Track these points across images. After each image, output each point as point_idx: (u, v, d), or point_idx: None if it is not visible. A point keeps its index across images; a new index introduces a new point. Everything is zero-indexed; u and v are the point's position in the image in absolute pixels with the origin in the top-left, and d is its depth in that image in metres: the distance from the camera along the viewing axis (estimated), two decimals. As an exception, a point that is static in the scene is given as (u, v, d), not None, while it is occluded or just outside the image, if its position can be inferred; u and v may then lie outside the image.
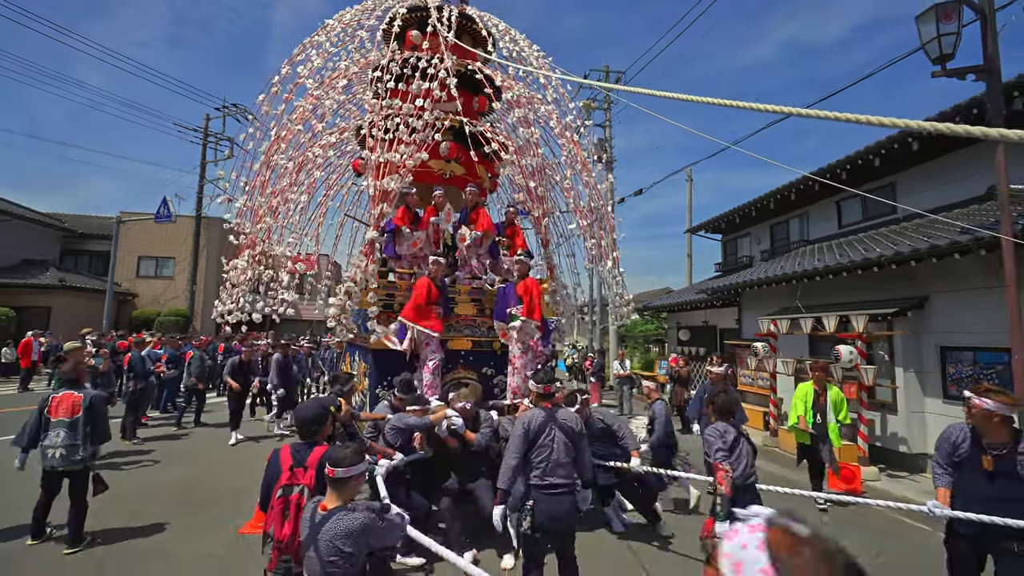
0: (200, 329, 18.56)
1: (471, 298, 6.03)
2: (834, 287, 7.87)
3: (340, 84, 6.24)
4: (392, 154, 5.38)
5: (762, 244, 12.04)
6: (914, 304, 6.73)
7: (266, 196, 5.93)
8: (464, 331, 5.88)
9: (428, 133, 5.61)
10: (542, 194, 6.61)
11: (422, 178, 6.34)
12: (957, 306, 6.39)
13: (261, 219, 5.87)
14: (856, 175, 8.19)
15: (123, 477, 5.74)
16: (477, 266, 6.85)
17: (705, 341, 13.55)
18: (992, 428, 2.53)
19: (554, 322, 6.34)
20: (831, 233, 9.56)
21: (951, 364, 6.46)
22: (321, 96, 6.07)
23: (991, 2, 4.12)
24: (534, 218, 6.85)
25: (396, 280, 5.80)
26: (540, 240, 6.76)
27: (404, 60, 6.08)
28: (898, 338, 6.96)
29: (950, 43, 4.04)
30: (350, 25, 6.58)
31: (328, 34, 6.44)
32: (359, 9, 6.74)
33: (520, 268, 5.61)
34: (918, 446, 6.66)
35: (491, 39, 6.98)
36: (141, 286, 19.90)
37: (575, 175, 6.72)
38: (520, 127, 6.61)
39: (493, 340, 5.89)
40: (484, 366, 5.82)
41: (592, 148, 7.65)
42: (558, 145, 7.00)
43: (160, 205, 14.32)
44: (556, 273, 6.74)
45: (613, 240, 7.01)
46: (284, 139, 6.08)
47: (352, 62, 6.44)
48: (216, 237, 21.03)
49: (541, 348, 5.74)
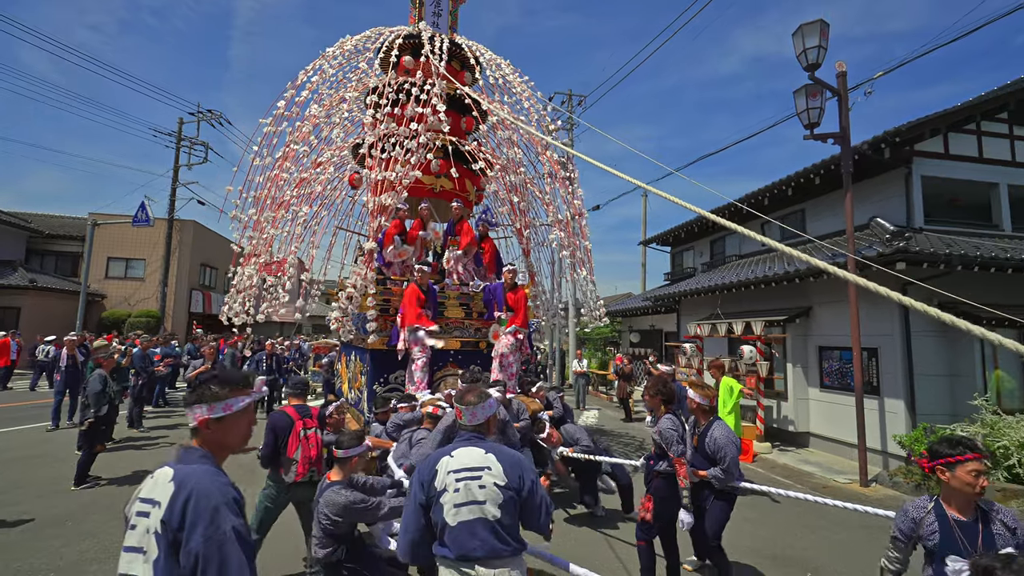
0: (171, 329, 18.33)
1: (459, 302, 6.63)
2: (746, 297, 9.26)
3: (340, 107, 6.72)
4: (389, 173, 5.91)
5: (703, 257, 13.32)
6: (801, 312, 8.11)
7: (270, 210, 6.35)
8: (454, 332, 6.47)
9: (422, 153, 6.16)
10: (524, 208, 7.29)
11: (413, 192, 6.87)
12: (830, 315, 7.68)
13: (265, 231, 6.30)
14: (775, 202, 9.43)
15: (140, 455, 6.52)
16: (464, 273, 7.49)
17: (652, 343, 15.27)
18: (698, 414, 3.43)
19: (535, 324, 7.01)
20: (757, 250, 10.80)
21: (825, 360, 7.78)
22: (320, 117, 6.55)
23: (845, 85, 5.15)
24: (516, 229, 7.52)
25: (391, 287, 6.33)
26: (522, 249, 7.44)
27: (399, 85, 6.61)
28: (789, 339, 8.31)
29: (816, 115, 5.04)
30: (349, 52, 7.07)
31: (328, 60, 6.91)
32: (360, 37, 7.24)
33: (509, 277, 6.19)
34: (803, 426, 8.03)
35: (478, 66, 7.59)
36: (110, 287, 19.42)
37: (554, 190, 7.40)
38: (503, 146, 7.27)
39: (480, 340, 6.51)
40: (471, 364, 6.43)
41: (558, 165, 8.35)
42: (539, 162, 7.69)
43: (138, 209, 14.19)
44: (537, 279, 7.42)
45: (588, 250, 7.77)
46: (288, 156, 6.51)
47: (350, 88, 6.91)
48: (188, 239, 20.77)
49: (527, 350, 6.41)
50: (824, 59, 4.95)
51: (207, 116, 18.71)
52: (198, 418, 1.39)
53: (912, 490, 5.36)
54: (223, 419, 1.41)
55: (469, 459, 1.89)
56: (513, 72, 7.95)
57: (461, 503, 1.80)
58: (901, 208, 7.28)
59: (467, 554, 1.77)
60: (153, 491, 1.28)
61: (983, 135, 7.70)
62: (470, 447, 1.94)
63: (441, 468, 1.88)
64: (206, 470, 1.33)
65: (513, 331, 5.95)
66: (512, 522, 1.85)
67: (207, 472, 1.32)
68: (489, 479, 1.84)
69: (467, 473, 1.85)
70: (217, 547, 1.20)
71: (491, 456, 1.89)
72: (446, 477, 1.86)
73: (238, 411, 1.44)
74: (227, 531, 1.23)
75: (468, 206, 7.83)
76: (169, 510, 1.23)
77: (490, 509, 1.80)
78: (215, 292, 23.25)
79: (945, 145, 7.47)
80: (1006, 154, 7.80)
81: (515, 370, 6.00)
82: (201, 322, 20.12)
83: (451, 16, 8.36)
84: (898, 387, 6.44)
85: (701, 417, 3.42)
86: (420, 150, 6.13)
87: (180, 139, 18.62)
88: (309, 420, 3.42)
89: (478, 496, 1.81)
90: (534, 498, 1.88)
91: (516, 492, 1.85)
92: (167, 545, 1.22)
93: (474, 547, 1.77)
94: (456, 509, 1.80)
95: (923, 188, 7.25)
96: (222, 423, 1.41)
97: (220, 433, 1.42)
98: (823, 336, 7.85)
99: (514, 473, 1.87)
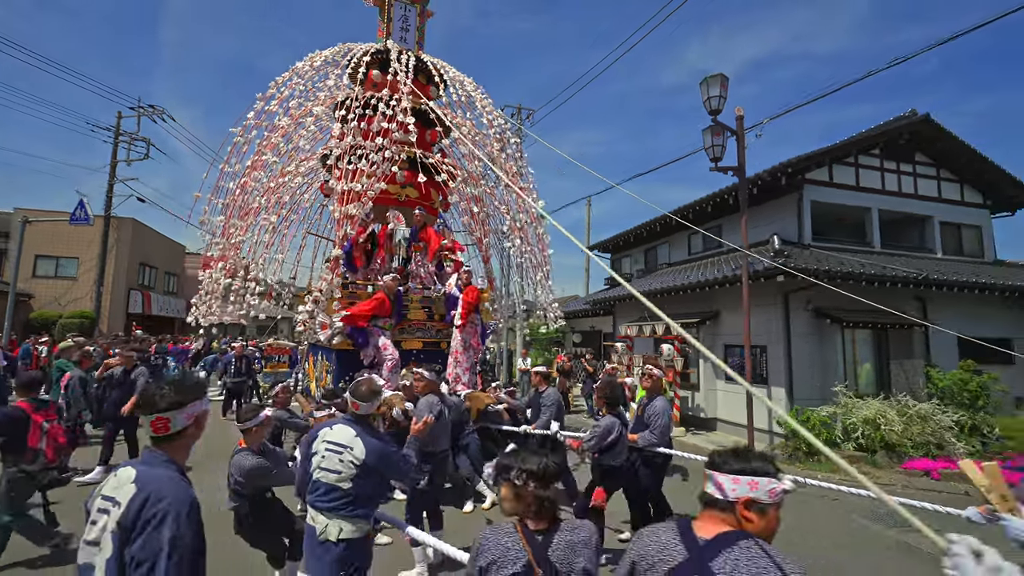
0: (107, 331, 17.36)
1: (422, 305, 7.20)
2: (668, 302, 10.46)
3: (308, 119, 7.09)
4: (355, 184, 6.35)
5: (639, 264, 14.62)
6: (711, 316, 9.45)
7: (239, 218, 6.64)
8: (416, 333, 7.03)
9: (387, 166, 6.64)
10: (483, 217, 7.96)
11: (380, 200, 7.18)
12: (733, 318, 8.94)
13: (233, 236, 6.58)
14: (699, 216, 10.71)
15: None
16: (426, 277, 8.08)
17: (592, 343, 16.72)
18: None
19: (492, 325, 7.70)
20: (684, 259, 11.96)
21: (729, 357, 9.04)
22: (290, 128, 6.91)
23: (742, 127, 6.42)
24: (475, 238, 8.17)
25: (356, 291, 6.74)
26: (481, 257, 8.10)
27: (366, 99, 7.03)
28: (700, 338, 9.57)
29: (719, 150, 6.24)
30: (318, 65, 7.44)
31: (297, 74, 7.27)
32: (330, 52, 7.61)
33: (464, 277, 6.59)
34: (712, 412, 9.27)
35: (443, 84, 8.13)
36: (38, 286, 18.02)
37: (512, 197, 7.99)
38: (466, 160, 7.90)
39: (441, 341, 7.10)
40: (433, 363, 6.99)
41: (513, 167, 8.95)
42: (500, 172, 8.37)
43: (77, 207, 13.35)
44: (496, 284, 8.10)
45: (546, 257, 8.51)
46: (256, 167, 6.81)
47: (318, 100, 7.28)
48: (127, 237, 19.67)
49: (481, 345, 7.05)
50: (724, 106, 6.09)
51: (148, 111, 17.87)
52: (188, 417, 1.46)
53: (786, 459, 6.62)
54: (195, 419, 1.49)
55: (341, 436, 2.37)
56: (476, 89, 8.53)
57: (324, 467, 2.33)
58: (794, 227, 8.74)
59: (315, 503, 2.33)
60: (116, 490, 1.34)
61: (860, 167, 9.36)
62: (346, 427, 2.41)
63: (320, 436, 2.41)
64: (167, 475, 1.38)
65: (459, 326, 6.29)
66: (360, 492, 2.31)
67: (170, 479, 1.37)
68: (348, 457, 2.32)
69: (335, 447, 2.34)
70: (152, 555, 1.25)
71: (358, 440, 2.35)
72: (320, 445, 2.38)
73: (198, 415, 1.51)
74: (165, 541, 1.26)
75: (433, 213, 8.27)
76: (126, 512, 1.28)
77: (342, 478, 2.30)
78: (155, 292, 22.07)
79: (830, 174, 9.04)
80: (878, 183, 9.53)
81: (467, 365, 6.38)
82: (140, 323, 19.12)
83: (418, 32, 8.80)
84: (781, 377, 7.76)
85: (651, 394, 4.10)
86: (385, 163, 6.61)
87: (119, 133, 17.66)
88: (47, 412, 3.72)
89: (336, 466, 2.31)
90: (388, 469, 2.44)
91: (369, 469, 2.33)
92: (119, 545, 1.27)
93: (322, 501, 2.30)
94: (320, 471, 2.34)
95: (812, 210, 8.76)
96: (194, 423, 1.49)
97: (181, 437, 1.47)
98: (727, 336, 9.15)
99: (371, 458, 2.33)
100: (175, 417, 1.43)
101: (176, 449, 1.47)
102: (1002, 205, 10.74)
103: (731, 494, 1.22)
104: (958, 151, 9.76)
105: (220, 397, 10.20)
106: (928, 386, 7.22)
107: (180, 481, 1.39)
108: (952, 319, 7.97)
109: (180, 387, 1.47)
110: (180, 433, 1.45)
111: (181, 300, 24.30)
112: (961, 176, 10.28)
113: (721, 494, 1.23)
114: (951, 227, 10.16)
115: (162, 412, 1.42)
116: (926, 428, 6.14)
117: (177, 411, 1.44)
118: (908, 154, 9.80)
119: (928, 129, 9.44)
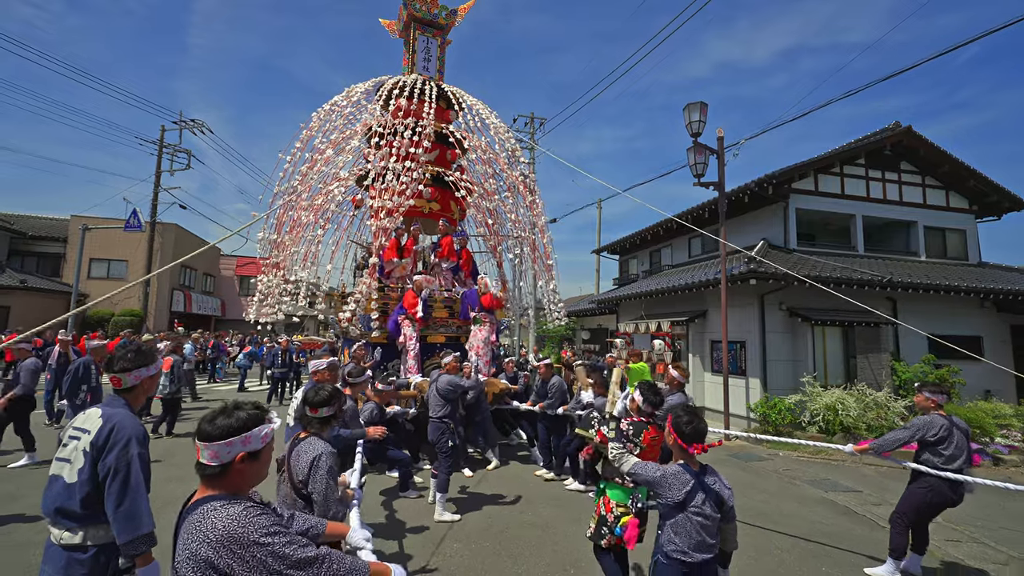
0: (153, 328, 19.02)
1: (444, 305, 8.29)
2: (664, 301, 11.32)
3: (347, 145, 8.23)
4: (388, 201, 7.46)
5: (644, 265, 15.51)
6: (699, 314, 10.28)
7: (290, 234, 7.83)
8: (439, 329, 8.13)
9: (415, 186, 7.73)
10: (497, 228, 9.02)
11: (408, 213, 8.29)
12: (719, 316, 9.46)
13: (286, 247, 7.77)
14: (698, 221, 11.40)
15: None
16: (446, 281, 9.18)
17: (599, 339, 17.78)
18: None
19: (505, 323, 8.76)
20: (684, 261, 12.95)
21: (715, 351, 9.87)
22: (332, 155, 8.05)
23: (722, 147, 7.32)
24: (490, 245, 9.22)
25: (390, 293, 7.88)
26: (496, 262, 9.17)
27: (393, 128, 8.13)
28: (690, 335, 10.49)
29: (702, 168, 7.15)
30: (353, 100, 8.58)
31: (336, 105, 8.42)
32: (363, 86, 8.76)
33: (483, 284, 7.69)
34: (700, 402, 9.97)
35: (461, 110, 9.20)
36: (93, 287, 19.81)
37: (520, 209, 9.03)
38: (481, 177, 8.96)
39: (460, 336, 8.18)
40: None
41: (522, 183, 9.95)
42: (513, 188, 9.41)
43: (130, 216, 14.99)
44: (509, 287, 9.17)
45: (549, 267, 9.51)
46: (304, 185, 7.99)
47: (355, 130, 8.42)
48: (170, 242, 21.36)
49: (496, 341, 8.14)
50: (704, 130, 6.99)
51: (190, 124, 19.44)
52: (136, 378, 1.94)
53: (755, 442, 7.50)
54: (141, 381, 1.98)
55: (86, 420, 1.82)
56: (490, 114, 9.57)
57: (59, 457, 1.78)
58: (781, 233, 9.57)
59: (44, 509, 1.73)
60: (85, 423, 1.81)
61: (845, 176, 10.11)
62: (99, 408, 1.85)
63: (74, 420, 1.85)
64: (126, 413, 1.87)
65: (483, 326, 7.36)
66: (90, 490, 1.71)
67: (127, 416, 1.86)
68: (86, 440, 1.75)
69: (77, 432, 1.79)
70: (125, 464, 1.73)
71: (99, 421, 1.78)
72: (68, 430, 1.82)
73: (148, 377, 2.01)
74: (133, 455, 1.76)
75: (453, 223, 9.40)
76: (97, 436, 1.75)
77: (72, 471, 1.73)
78: (195, 292, 23.79)
79: (816, 183, 9.83)
80: (862, 191, 10.26)
81: (488, 358, 7.54)
82: (182, 320, 20.84)
83: (439, 60, 9.97)
84: (757, 369, 8.63)
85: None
86: (413, 183, 7.71)
87: (162, 146, 19.28)
88: None
89: (70, 456, 1.75)
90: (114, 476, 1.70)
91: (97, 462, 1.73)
92: (91, 460, 1.73)
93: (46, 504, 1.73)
94: (56, 462, 1.78)
95: (797, 217, 9.58)
96: (141, 383, 1.99)
97: (138, 390, 1.99)
98: (713, 333, 9.99)
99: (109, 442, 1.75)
100: (124, 377, 1.93)
101: (133, 397, 1.99)
102: (988, 210, 11.33)
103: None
104: (941, 160, 10.40)
105: (265, 386, 11.53)
106: (893, 378, 8.02)
107: (135, 418, 1.90)
108: (924, 318, 8.71)
109: (134, 357, 1.97)
110: (131, 389, 1.96)
111: (216, 299, 26.08)
112: (946, 183, 10.92)
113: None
114: (936, 231, 10.83)
115: (115, 373, 1.94)
116: (880, 413, 6.98)
117: (125, 374, 1.93)
118: (894, 163, 10.49)
119: (911, 139, 10.12)
